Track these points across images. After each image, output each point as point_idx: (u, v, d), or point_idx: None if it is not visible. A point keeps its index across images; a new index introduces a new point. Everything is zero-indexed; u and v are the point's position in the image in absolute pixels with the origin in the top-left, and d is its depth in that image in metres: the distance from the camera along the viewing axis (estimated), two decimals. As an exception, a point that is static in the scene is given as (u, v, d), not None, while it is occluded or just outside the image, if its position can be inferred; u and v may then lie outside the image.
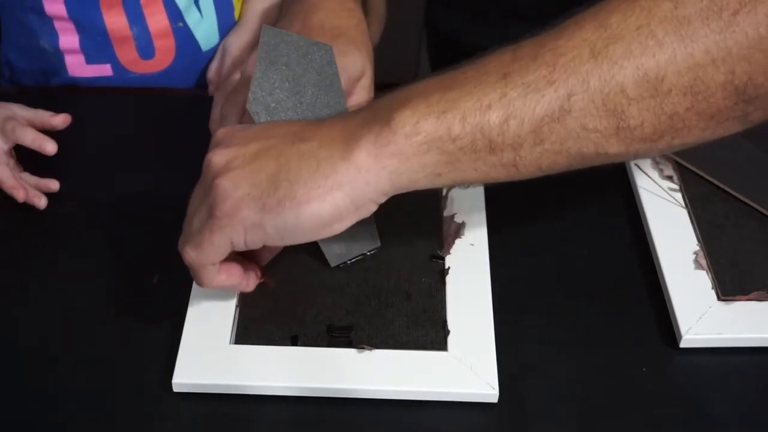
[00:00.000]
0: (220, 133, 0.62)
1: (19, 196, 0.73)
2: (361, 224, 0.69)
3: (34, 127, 0.75)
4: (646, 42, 0.54)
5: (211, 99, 0.79)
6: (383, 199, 0.59)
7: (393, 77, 0.85)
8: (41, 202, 0.74)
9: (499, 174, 0.58)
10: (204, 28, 0.90)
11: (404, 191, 0.58)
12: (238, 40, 0.89)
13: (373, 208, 0.59)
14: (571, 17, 0.57)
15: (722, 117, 0.56)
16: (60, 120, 0.76)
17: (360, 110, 0.60)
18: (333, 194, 0.57)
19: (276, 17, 0.86)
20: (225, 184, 0.58)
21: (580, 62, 0.55)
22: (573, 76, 0.55)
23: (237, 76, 0.77)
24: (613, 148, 0.57)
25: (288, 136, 0.59)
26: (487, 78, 0.56)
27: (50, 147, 0.74)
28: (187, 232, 0.61)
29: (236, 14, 0.92)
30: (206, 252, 0.59)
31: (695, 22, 0.53)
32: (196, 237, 0.59)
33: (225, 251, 0.59)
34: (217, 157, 0.59)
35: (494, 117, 0.55)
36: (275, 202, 0.57)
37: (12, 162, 0.74)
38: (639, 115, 0.55)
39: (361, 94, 0.74)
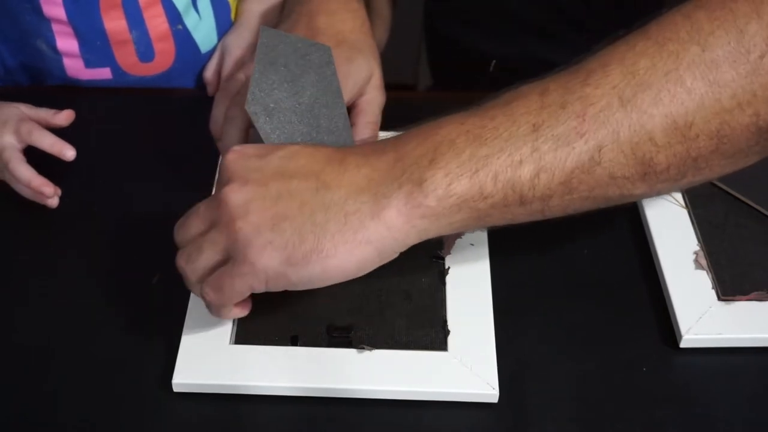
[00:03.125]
0: (231, 161, 0.59)
1: (50, 192, 0.73)
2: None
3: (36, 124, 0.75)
4: (675, 89, 0.54)
5: (210, 99, 0.79)
6: (406, 249, 0.59)
7: (393, 77, 0.85)
8: (54, 200, 0.74)
9: (525, 219, 0.59)
10: (202, 29, 0.90)
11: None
12: (237, 40, 0.89)
13: (395, 256, 0.59)
14: (592, 54, 0.57)
15: (743, 154, 0.56)
16: (63, 118, 0.76)
17: (385, 152, 0.58)
18: (361, 249, 0.56)
19: (274, 16, 0.86)
20: (246, 229, 0.56)
21: (610, 112, 0.54)
22: (603, 127, 0.54)
23: (241, 76, 0.77)
24: (638, 191, 0.57)
25: (310, 178, 0.57)
26: (517, 129, 0.55)
27: (70, 153, 0.74)
28: (195, 260, 0.59)
29: (233, 15, 0.92)
30: (227, 296, 0.58)
31: (723, 66, 0.53)
32: (216, 280, 0.58)
33: (245, 295, 0.59)
34: (235, 196, 0.57)
35: (525, 172, 0.55)
36: (301, 256, 0.56)
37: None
38: (666, 161, 0.55)
39: (372, 93, 0.74)
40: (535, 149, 0.55)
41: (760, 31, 0.53)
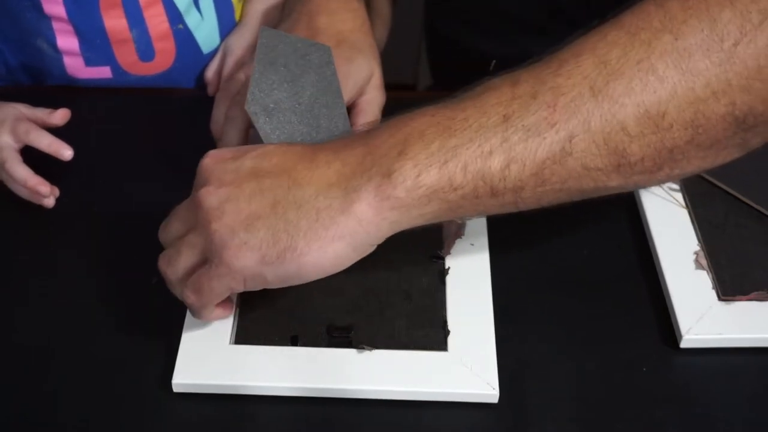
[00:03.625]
0: (208, 164, 0.60)
1: (46, 191, 0.73)
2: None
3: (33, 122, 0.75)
4: (646, 78, 0.53)
5: (211, 99, 0.79)
6: (381, 241, 0.58)
7: (393, 77, 0.85)
8: (50, 199, 0.74)
9: (499, 211, 0.59)
10: (204, 29, 0.89)
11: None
12: (240, 41, 0.89)
13: (372, 249, 0.59)
14: (566, 45, 0.57)
15: (721, 146, 0.55)
16: (59, 117, 0.76)
17: (355, 145, 0.58)
18: (334, 245, 0.56)
19: (278, 17, 0.86)
20: (221, 231, 0.56)
21: (581, 102, 0.54)
22: (574, 117, 0.54)
23: (241, 76, 0.77)
24: (613, 183, 0.57)
25: (281, 176, 0.57)
26: (487, 120, 0.55)
27: (67, 153, 0.74)
28: (175, 262, 0.59)
29: (237, 16, 0.92)
30: (206, 297, 0.59)
31: (696, 54, 0.53)
32: (195, 282, 0.58)
33: (224, 296, 0.59)
34: (209, 198, 0.57)
35: (495, 163, 0.55)
36: (275, 255, 0.56)
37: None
38: (640, 151, 0.55)
39: (372, 93, 0.74)
40: (505, 140, 0.54)
41: (734, 18, 0.52)
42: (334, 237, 0.56)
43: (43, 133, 0.74)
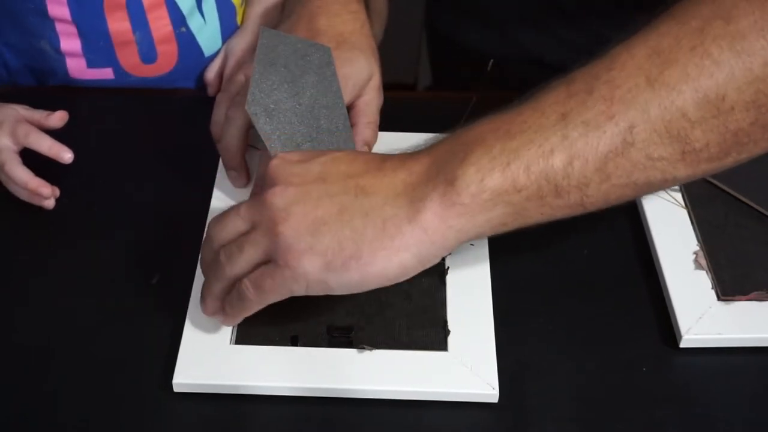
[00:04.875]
0: (276, 165, 0.59)
1: (47, 193, 0.73)
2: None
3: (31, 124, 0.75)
4: (702, 62, 0.53)
5: (211, 100, 0.79)
6: (448, 253, 0.58)
7: (393, 77, 0.85)
8: (50, 201, 0.74)
9: (566, 213, 0.58)
10: (207, 33, 0.89)
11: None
12: (241, 43, 0.89)
13: (437, 261, 0.58)
14: (618, 43, 0.57)
15: None
16: (56, 119, 0.76)
17: (420, 156, 0.58)
18: (400, 255, 0.56)
19: (279, 20, 0.86)
20: (287, 233, 0.56)
21: (638, 92, 0.54)
22: (632, 107, 0.54)
23: (241, 77, 0.77)
24: (681, 173, 0.56)
25: (349, 183, 0.57)
26: (545, 120, 0.55)
27: (67, 156, 0.74)
28: (236, 259, 0.59)
29: (239, 19, 0.92)
30: (266, 295, 0.59)
31: (750, 36, 0.53)
32: (258, 278, 0.58)
33: (284, 297, 0.59)
34: (277, 199, 0.57)
35: (558, 161, 0.55)
36: (340, 263, 0.56)
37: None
38: (703, 137, 0.54)
39: (371, 94, 0.74)
40: (565, 137, 0.55)
41: None
42: (399, 247, 0.56)
43: (43, 135, 0.74)
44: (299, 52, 0.67)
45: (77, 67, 0.87)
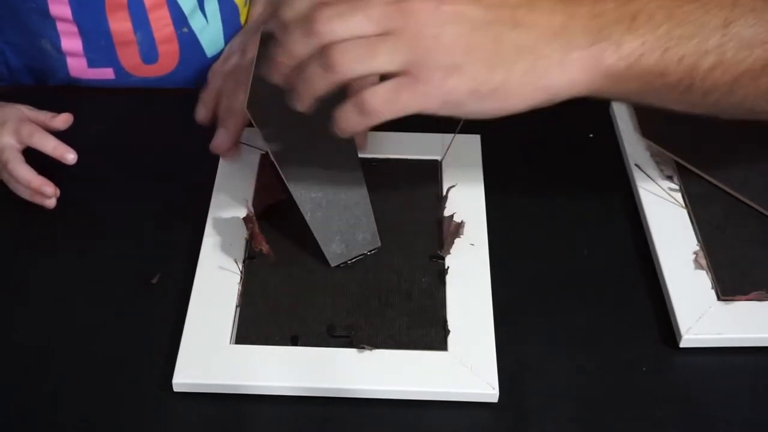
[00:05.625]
0: None
1: (50, 192, 0.73)
2: (361, 224, 0.70)
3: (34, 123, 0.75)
4: None
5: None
6: (571, 97, 0.59)
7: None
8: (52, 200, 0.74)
9: (677, 107, 0.61)
10: (209, 33, 0.89)
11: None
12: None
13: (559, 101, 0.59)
14: None
15: None
16: (61, 121, 0.76)
17: (582, 3, 0.58)
18: (537, 95, 0.57)
19: None
20: (437, 49, 0.55)
21: None
22: None
23: (235, 59, 0.76)
24: None
25: (504, 12, 0.56)
26: (709, 20, 0.58)
27: (71, 156, 0.74)
28: (368, 62, 0.55)
29: (242, 19, 0.92)
30: (394, 108, 0.56)
31: None
32: (390, 90, 0.55)
33: (409, 113, 0.56)
34: (428, 14, 0.55)
35: (706, 63, 0.58)
36: (486, 90, 0.56)
37: None
38: None
39: None
40: (721, 44, 0.57)
41: None
42: (542, 87, 0.57)
43: (47, 136, 0.74)
44: None
45: (78, 67, 0.87)
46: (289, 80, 0.58)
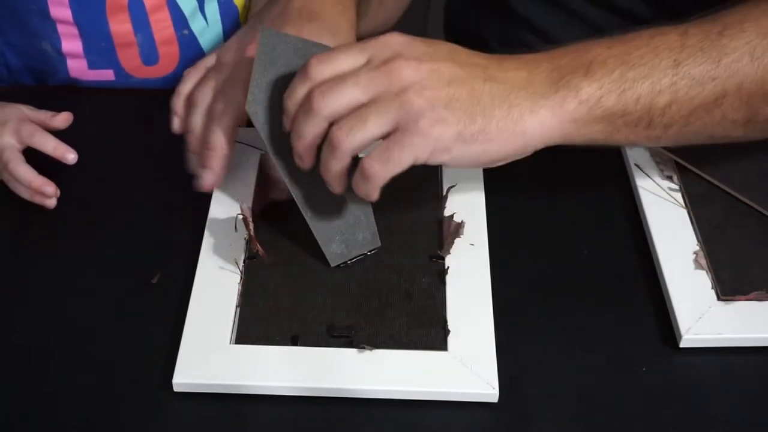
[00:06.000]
0: (397, 40, 0.62)
1: (51, 191, 0.73)
2: (361, 224, 0.70)
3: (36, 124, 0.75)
4: None
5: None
6: (543, 147, 0.64)
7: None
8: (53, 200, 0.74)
9: (641, 143, 0.69)
10: (209, 35, 0.89)
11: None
12: None
13: (529, 153, 0.64)
14: (729, 11, 0.66)
15: None
16: (61, 120, 0.76)
17: (539, 60, 0.64)
18: (515, 140, 0.62)
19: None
20: (422, 103, 0.60)
21: (741, 65, 0.63)
22: (733, 77, 0.63)
23: (212, 59, 0.75)
24: (737, 134, 0.67)
25: (477, 70, 0.63)
26: (659, 62, 0.63)
27: (71, 156, 0.74)
28: (359, 129, 0.60)
29: (242, 21, 0.92)
30: (392, 166, 0.60)
31: None
32: (384, 151, 0.60)
33: (405, 167, 0.61)
34: (410, 71, 0.60)
35: (661, 101, 0.63)
36: (470, 135, 0.61)
37: None
38: (766, 112, 0.66)
39: None
40: (673, 83, 0.63)
41: None
42: (518, 132, 0.62)
43: (47, 136, 0.74)
44: (299, 52, 0.67)
45: (78, 68, 0.87)
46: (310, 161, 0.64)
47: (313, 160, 0.63)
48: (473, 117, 0.61)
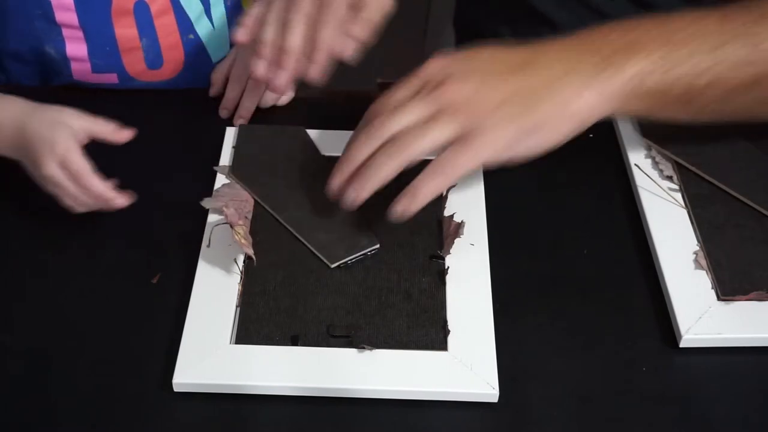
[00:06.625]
0: (438, 65, 0.67)
1: (122, 203, 0.71)
2: (361, 224, 0.70)
3: (92, 138, 0.72)
4: None
5: (213, 100, 0.80)
6: (591, 125, 0.68)
7: (394, 76, 0.84)
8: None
9: (677, 119, 0.71)
10: (215, 38, 0.89)
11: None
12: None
13: (579, 132, 0.68)
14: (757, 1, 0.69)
15: None
16: (125, 137, 0.73)
17: (581, 43, 0.68)
18: (569, 123, 0.67)
19: None
20: (479, 110, 0.65)
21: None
22: (767, 63, 0.67)
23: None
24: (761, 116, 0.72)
25: (519, 66, 0.67)
26: (700, 45, 0.67)
27: (125, 136, 0.73)
28: (420, 141, 0.64)
29: None
30: (452, 174, 0.65)
31: None
32: (442, 163, 0.65)
33: (464, 173, 0.65)
34: (461, 89, 0.65)
35: (701, 82, 0.67)
36: (532, 125, 0.65)
37: None
38: None
39: None
40: (712, 66, 0.67)
41: None
42: (567, 116, 0.66)
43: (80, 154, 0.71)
44: (274, 132, 0.76)
45: (81, 72, 0.86)
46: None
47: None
48: (526, 112, 0.65)
